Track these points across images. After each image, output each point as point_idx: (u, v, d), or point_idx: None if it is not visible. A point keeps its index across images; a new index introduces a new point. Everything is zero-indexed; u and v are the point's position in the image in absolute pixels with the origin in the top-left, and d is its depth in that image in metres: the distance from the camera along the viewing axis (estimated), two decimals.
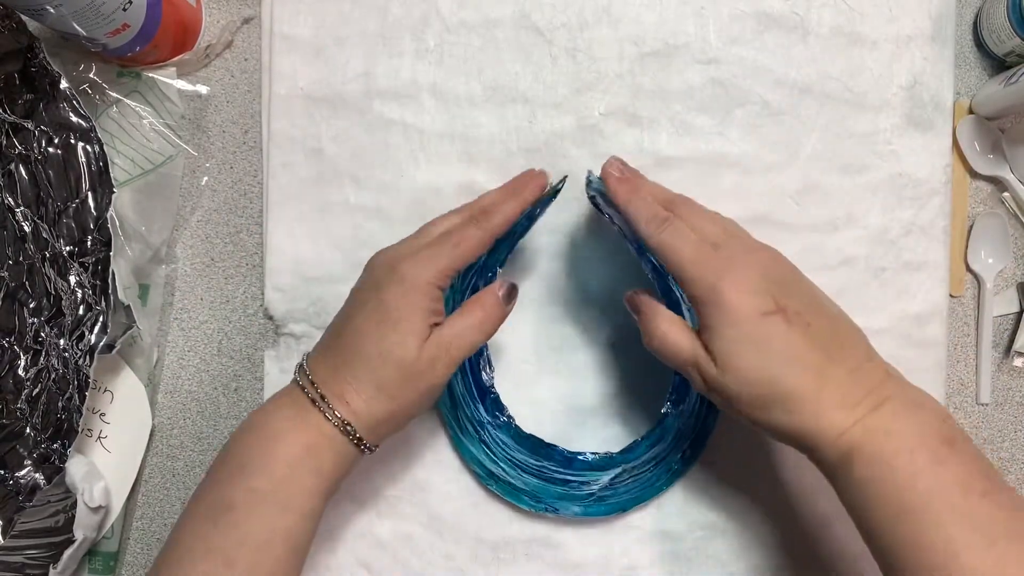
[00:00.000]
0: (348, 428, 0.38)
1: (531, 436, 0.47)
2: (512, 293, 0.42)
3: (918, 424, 0.34)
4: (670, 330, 0.38)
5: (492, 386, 0.47)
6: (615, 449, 0.47)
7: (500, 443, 0.47)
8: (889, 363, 0.37)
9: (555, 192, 0.45)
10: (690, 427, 0.46)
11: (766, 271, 0.36)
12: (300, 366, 0.40)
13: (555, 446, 0.47)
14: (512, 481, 0.47)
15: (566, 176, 0.46)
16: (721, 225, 0.39)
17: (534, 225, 0.45)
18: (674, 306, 0.42)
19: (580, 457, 0.47)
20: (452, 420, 0.48)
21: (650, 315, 0.39)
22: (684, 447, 0.47)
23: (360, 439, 0.39)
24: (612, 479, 0.46)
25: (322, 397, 0.38)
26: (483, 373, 0.47)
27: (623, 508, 0.47)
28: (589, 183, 0.44)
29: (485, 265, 0.45)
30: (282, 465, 0.37)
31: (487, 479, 0.48)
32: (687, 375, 0.38)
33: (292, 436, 0.38)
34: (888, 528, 0.33)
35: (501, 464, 0.47)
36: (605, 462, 0.47)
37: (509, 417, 0.47)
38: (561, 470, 0.47)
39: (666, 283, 0.43)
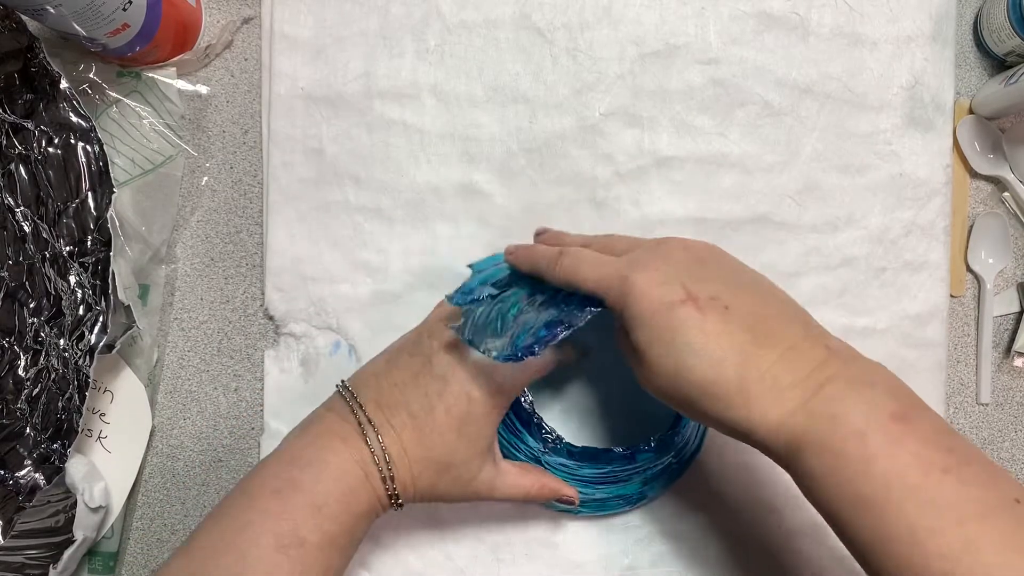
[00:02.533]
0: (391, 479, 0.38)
1: (585, 448, 0.46)
2: (568, 501, 0.44)
3: (865, 403, 0.31)
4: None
5: (534, 411, 0.45)
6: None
7: (560, 467, 0.46)
8: (837, 338, 0.34)
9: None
10: None
11: (674, 261, 0.34)
12: (355, 402, 0.40)
13: (610, 449, 0.46)
14: (594, 496, 0.46)
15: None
16: (632, 241, 0.39)
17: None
18: None
19: (642, 449, 0.45)
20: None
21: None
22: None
23: (397, 497, 0.39)
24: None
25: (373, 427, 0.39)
26: (522, 400, 0.45)
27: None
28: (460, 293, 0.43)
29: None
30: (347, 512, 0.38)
31: (573, 509, 0.47)
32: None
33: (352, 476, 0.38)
34: (849, 520, 0.30)
35: (577, 489, 0.46)
36: (662, 445, 0.46)
37: (558, 438, 0.46)
38: (627, 467, 0.46)
39: None
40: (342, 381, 0.42)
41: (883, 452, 0.30)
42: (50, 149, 0.49)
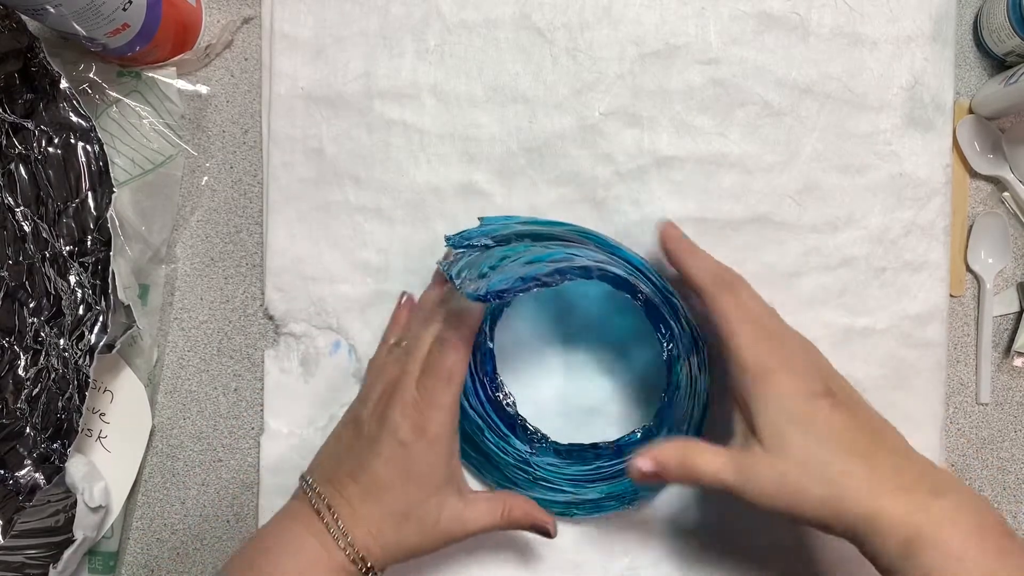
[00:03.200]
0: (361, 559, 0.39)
1: (571, 445, 0.46)
2: (543, 531, 0.43)
3: (979, 515, 0.34)
4: (702, 459, 0.38)
5: (517, 413, 0.45)
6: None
7: (549, 467, 0.46)
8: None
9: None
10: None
11: (815, 359, 0.38)
12: (309, 487, 0.41)
13: (596, 444, 0.46)
14: (587, 496, 0.46)
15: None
16: (765, 305, 0.41)
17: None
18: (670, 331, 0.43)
19: (628, 441, 0.45)
20: (497, 477, 0.47)
21: (679, 464, 0.38)
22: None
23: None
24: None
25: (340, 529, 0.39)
26: (504, 402, 0.45)
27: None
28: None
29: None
30: None
31: (567, 510, 0.47)
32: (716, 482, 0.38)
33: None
34: None
35: (566, 489, 0.46)
36: (648, 434, 0.46)
37: (543, 437, 0.46)
38: (615, 462, 0.46)
39: (659, 313, 0.42)
40: (303, 473, 0.43)
41: (997, 561, 0.32)
42: (50, 149, 0.49)
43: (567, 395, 0.49)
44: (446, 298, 0.44)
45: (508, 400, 0.46)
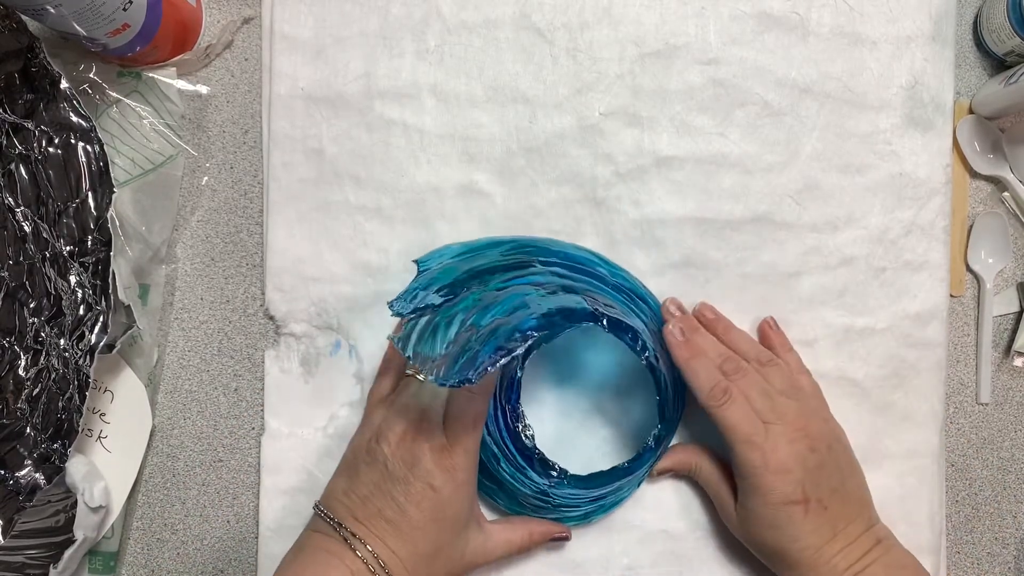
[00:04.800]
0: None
1: (591, 475, 0.45)
2: (563, 538, 0.47)
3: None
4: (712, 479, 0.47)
5: (535, 447, 0.44)
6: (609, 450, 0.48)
7: (570, 496, 0.45)
8: (881, 523, 0.45)
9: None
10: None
11: (804, 463, 0.42)
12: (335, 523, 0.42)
13: (616, 467, 0.45)
14: (603, 504, 0.47)
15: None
16: (770, 399, 0.44)
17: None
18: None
19: (645, 450, 0.45)
20: (511, 504, 0.47)
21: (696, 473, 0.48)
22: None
23: None
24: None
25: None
26: (522, 433, 0.45)
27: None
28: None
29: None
30: None
31: (585, 518, 0.48)
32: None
33: None
34: None
35: (586, 508, 0.47)
36: (658, 440, 0.46)
37: (563, 471, 0.44)
38: (634, 472, 0.46)
39: (620, 324, 0.42)
40: (317, 504, 0.43)
41: None
42: (50, 149, 0.49)
43: (562, 431, 0.49)
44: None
45: (528, 432, 0.45)
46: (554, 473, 0.44)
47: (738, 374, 0.44)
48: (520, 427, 0.44)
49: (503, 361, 0.35)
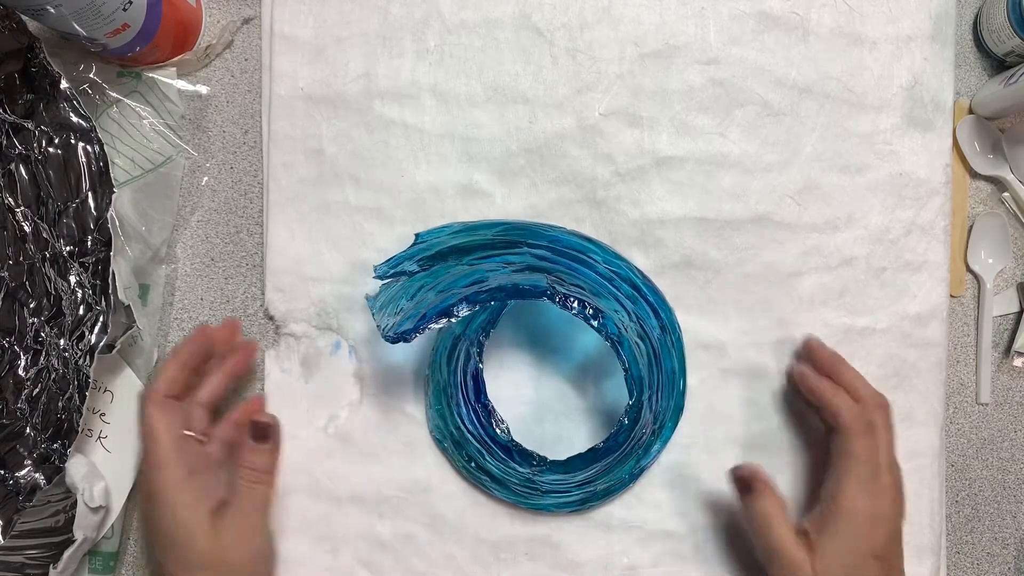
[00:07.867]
0: None
1: (569, 459, 0.46)
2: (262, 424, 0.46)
3: None
4: (776, 520, 0.43)
5: (511, 439, 0.46)
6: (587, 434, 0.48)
7: (554, 482, 0.46)
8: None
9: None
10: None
11: (892, 526, 0.43)
12: None
13: (594, 447, 0.45)
14: (594, 491, 0.47)
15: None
16: (891, 453, 0.44)
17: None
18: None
19: (620, 428, 0.45)
20: (505, 493, 0.47)
21: (760, 496, 0.44)
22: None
23: None
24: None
25: None
26: (497, 430, 0.46)
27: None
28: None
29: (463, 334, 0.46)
30: None
31: (582, 506, 0.48)
32: (770, 553, 0.43)
33: None
34: None
35: (577, 493, 0.47)
36: (634, 414, 0.45)
37: (542, 459, 0.46)
38: (616, 453, 0.46)
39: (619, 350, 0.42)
40: None
41: None
42: (50, 149, 0.49)
43: (540, 405, 0.49)
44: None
45: (502, 427, 0.46)
46: (534, 462, 0.46)
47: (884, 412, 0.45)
48: (494, 423, 0.46)
49: (441, 324, 0.39)
